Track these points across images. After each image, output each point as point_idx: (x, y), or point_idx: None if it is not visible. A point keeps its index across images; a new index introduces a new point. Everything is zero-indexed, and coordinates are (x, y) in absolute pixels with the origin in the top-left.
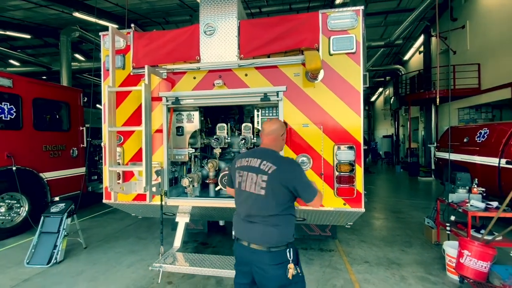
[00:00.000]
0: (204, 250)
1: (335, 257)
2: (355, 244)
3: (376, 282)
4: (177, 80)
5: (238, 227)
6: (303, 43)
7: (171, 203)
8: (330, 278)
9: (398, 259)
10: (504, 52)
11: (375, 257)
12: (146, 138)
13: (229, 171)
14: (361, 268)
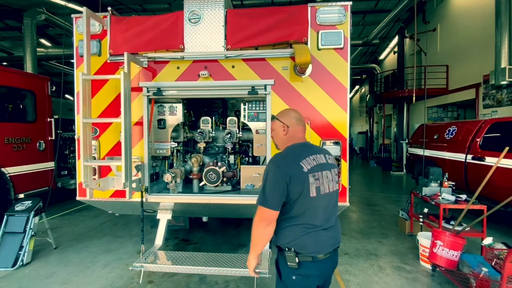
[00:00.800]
0: (185, 247)
1: None
2: None
3: (356, 272)
4: (159, 70)
5: (318, 242)
6: (292, 36)
7: (152, 199)
8: None
9: (375, 250)
10: (470, 56)
11: (354, 249)
12: (125, 131)
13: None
14: (341, 260)
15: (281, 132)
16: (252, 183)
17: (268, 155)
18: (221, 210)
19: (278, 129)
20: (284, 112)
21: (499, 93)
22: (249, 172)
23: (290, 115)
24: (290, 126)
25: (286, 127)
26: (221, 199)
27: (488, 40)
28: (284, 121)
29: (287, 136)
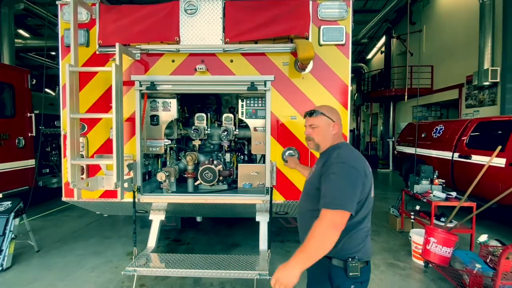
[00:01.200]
0: (178, 247)
1: None
2: None
3: None
4: (152, 63)
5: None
6: (293, 30)
7: (145, 200)
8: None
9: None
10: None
11: None
12: (117, 127)
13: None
14: None
15: (328, 129)
16: (250, 182)
17: (268, 154)
18: (217, 210)
19: (324, 125)
20: (328, 108)
21: (481, 93)
22: (246, 171)
23: (335, 111)
24: (337, 122)
25: (337, 124)
26: (218, 199)
27: (472, 42)
28: (332, 117)
29: (335, 133)
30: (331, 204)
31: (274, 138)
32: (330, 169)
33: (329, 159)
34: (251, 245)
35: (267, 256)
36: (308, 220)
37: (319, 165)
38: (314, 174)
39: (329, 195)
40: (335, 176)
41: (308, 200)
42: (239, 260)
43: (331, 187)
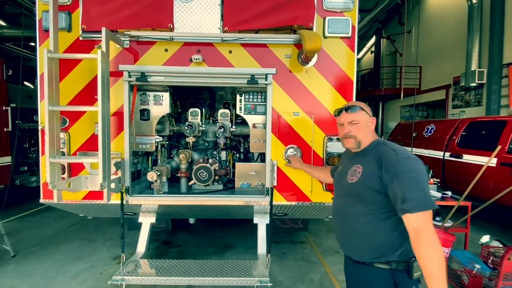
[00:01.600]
0: (168, 250)
1: (307, 249)
2: (323, 235)
3: None
4: (142, 52)
5: None
6: (297, 20)
7: (134, 201)
8: (306, 273)
9: None
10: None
11: None
12: (103, 121)
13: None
14: (333, 259)
15: (367, 124)
16: (248, 182)
17: (268, 152)
18: (212, 212)
19: (365, 121)
20: (362, 104)
21: (467, 94)
22: (244, 170)
23: (368, 106)
24: (374, 120)
25: (371, 118)
26: (215, 201)
27: (459, 43)
28: (369, 112)
29: (371, 130)
30: (422, 206)
31: (275, 135)
32: (399, 168)
33: (385, 158)
34: (246, 246)
35: (266, 261)
36: (361, 226)
37: (368, 165)
38: (364, 176)
39: (415, 197)
40: (411, 174)
41: (359, 204)
42: (236, 266)
43: (414, 188)
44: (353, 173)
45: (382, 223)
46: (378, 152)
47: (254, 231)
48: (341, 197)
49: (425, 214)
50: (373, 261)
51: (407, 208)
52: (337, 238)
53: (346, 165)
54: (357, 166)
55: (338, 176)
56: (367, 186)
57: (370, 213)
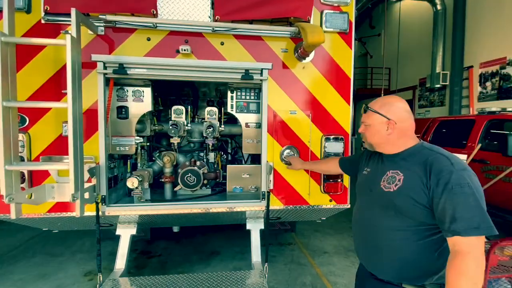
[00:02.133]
0: (148, 261)
1: (295, 251)
2: (310, 235)
3: (341, 273)
4: (120, 40)
5: None
6: (295, 12)
7: (112, 212)
8: (297, 276)
9: (351, 245)
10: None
11: (331, 246)
12: (74, 120)
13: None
14: (323, 260)
15: (382, 130)
16: (241, 186)
17: (264, 153)
18: (200, 219)
19: (378, 125)
20: (385, 102)
21: (432, 95)
22: (237, 172)
23: (398, 107)
24: (399, 122)
25: (393, 123)
26: (206, 208)
27: (425, 47)
28: (389, 115)
29: (394, 136)
30: (476, 229)
31: (271, 135)
32: (453, 181)
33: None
34: (232, 252)
35: (263, 271)
36: (395, 242)
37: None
38: (406, 185)
39: (469, 217)
40: (466, 190)
41: (395, 217)
42: (230, 278)
43: (468, 206)
44: (391, 180)
45: (421, 241)
46: (424, 158)
47: (239, 235)
48: (370, 206)
49: (477, 239)
50: (403, 282)
51: (457, 229)
52: (357, 249)
53: (377, 169)
54: (395, 172)
55: (367, 181)
56: (408, 197)
57: (408, 228)
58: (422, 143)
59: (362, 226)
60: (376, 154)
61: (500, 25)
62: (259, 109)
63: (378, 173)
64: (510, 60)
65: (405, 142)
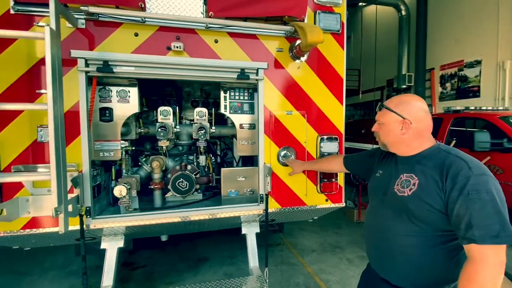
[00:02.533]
0: (132, 273)
1: (284, 251)
2: (297, 234)
3: (331, 270)
4: (104, 35)
5: None
6: (291, 11)
7: (99, 225)
8: (289, 277)
9: (337, 242)
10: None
11: (318, 244)
12: (56, 124)
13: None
14: (312, 258)
15: (397, 129)
16: (236, 189)
17: (261, 155)
18: (194, 226)
19: (393, 125)
20: (402, 100)
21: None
22: (231, 176)
23: (414, 105)
24: (415, 122)
25: (408, 123)
26: (204, 214)
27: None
28: (404, 115)
29: (409, 136)
30: (496, 238)
31: (268, 136)
32: (470, 185)
33: (454, 170)
34: (220, 257)
35: (263, 276)
36: (409, 248)
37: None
38: (422, 189)
39: (487, 225)
40: (485, 196)
41: (409, 222)
42: (228, 286)
43: (486, 213)
44: (405, 184)
45: (437, 247)
46: (441, 161)
47: (226, 240)
48: (383, 210)
49: (495, 248)
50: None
51: (473, 237)
52: (368, 253)
53: (390, 171)
54: (410, 176)
55: (380, 184)
56: (424, 201)
57: (423, 234)
58: (439, 144)
59: (375, 231)
60: (389, 155)
61: (458, 31)
62: (254, 109)
63: (392, 176)
64: (467, 62)
65: (420, 143)
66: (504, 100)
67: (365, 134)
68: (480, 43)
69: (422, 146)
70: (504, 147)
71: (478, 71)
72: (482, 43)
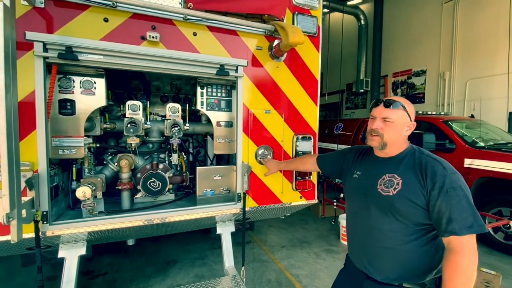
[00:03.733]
0: (91, 282)
1: (255, 248)
2: (266, 231)
3: (301, 264)
4: (67, 17)
5: None
6: (272, 10)
7: (58, 231)
8: (262, 274)
9: (305, 237)
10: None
11: (287, 240)
12: (9, 116)
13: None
14: (282, 254)
15: (403, 130)
16: (212, 188)
17: (239, 153)
18: (166, 228)
19: (401, 124)
20: (407, 101)
21: (356, 98)
22: (207, 175)
23: (413, 108)
24: (413, 125)
25: (412, 126)
26: (179, 215)
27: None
28: (411, 115)
29: (405, 138)
30: (470, 228)
31: (247, 134)
32: (447, 184)
33: (431, 170)
34: (190, 258)
35: (239, 275)
36: (394, 244)
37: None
38: (406, 188)
39: (464, 218)
40: (459, 192)
41: (394, 220)
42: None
43: (462, 208)
44: (388, 184)
45: (419, 240)
46: (418, 162)
47: (195, 240)
48: (366, 210)
49: (470, 237)
50: (404, 282)
51: (454, 230)
52: (352, 253)
53: (369, 172)
54: (392, 176)
55: (360, 184)
56: (408, 200)
57: (408, 229)
58: (412, 146)
59: (360, 231)
60: (365, 156)
61: (407, 43)
62: (231, 107)
63: (372, 176)
64: (414, 71)
65: (404, 145)
66: (444, 106)
67: (328, 134)
68: (425, 55)
69: (401, 147)
70: (446, 148)
71: (423, 79)
72: (427, 55)
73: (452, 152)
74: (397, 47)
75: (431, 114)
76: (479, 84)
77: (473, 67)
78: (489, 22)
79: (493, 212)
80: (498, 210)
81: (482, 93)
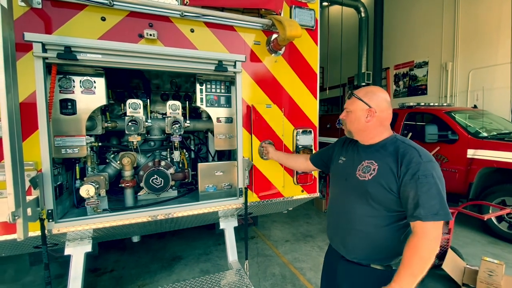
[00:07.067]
0: (98, 279)
1: (259, 243)
2: (270, 226)
3: (304, 258)
4: (65, 17)
5: None
6: (269, 4)
7: (63, 229)
8: (266, 268)
9: (308, 231)
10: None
11: (291, 234)
12: (11, 116)
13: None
14: (286, 248)
15: (362, 117)
16: (214, 184)
17: (240, 149)
18: (169, 224)
19: (360, 113)
20: (369, 90)
21: None
22: (209, 171)
23: (380, 96)
24: (379, 111)
25: (373, 112)
26: (182, 211)
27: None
28: (371, 104)
29: (372, 124)
30: (436, 215)
31: (247, 130)
32: (420, 171)
33: (407, 157)
34: (195, 254)
35: (243, 269)
36: (366, 227)
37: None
38: (380, 174)
39: (430, 205)
40: (430, 180)
41: (367, 204)
42: (209, 282)
43: (430, 195)
44: (366, 170)
45: (390, 226)
46: (396, 149)
47: (199, 236)
48: (345, 194)
49: (434, 224)
50: (372, 263)
51: (419, 215)
52: (330, 234)
53: (352, 158)
54: (371, 162)
55: (342, 170)
56: (381, 185)
57: (380, 215)
58: (395, 135)
59: (337, 213)
60: (352, 143)
61: (409, 34)
62: (231, 103)
63: (354, 162)
64: (416, 63)
65: (381, 132)
66: (447, 97)
67: (330, 129)
68: (427, 46)
69: (382, 135)
70: (448, 138)
71: (425, 71)
72: (429, 46)
73: (455, 143)
74: (399, 39)
75: (433, 105)
76: (481, 74)
77: (475, 57)
78: (491, 11)
79: (497, 202)
80: (502, 200)
81: (485, 83)
